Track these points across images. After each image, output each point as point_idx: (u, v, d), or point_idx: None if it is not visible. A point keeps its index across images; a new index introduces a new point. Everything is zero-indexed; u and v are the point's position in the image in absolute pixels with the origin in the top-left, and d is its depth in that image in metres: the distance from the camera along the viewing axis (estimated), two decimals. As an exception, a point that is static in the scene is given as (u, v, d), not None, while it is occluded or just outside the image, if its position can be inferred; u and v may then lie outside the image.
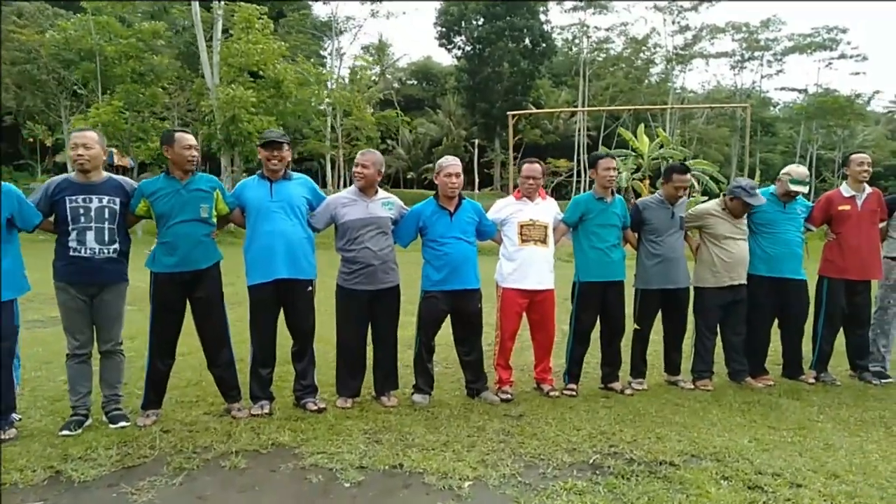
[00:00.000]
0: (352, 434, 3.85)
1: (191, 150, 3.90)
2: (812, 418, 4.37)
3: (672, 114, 44.94)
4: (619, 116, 43.62)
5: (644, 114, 43.02)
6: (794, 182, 5.07)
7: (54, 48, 21.05)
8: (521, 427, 4.08)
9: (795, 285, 5.19)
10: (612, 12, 55.78)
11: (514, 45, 43.07)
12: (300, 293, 4.22)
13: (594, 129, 46.59)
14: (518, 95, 43.95)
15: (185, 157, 3.88)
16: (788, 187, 5.08)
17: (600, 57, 48.21)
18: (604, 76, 47.77)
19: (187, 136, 3.94)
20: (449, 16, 44.82)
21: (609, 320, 4.94)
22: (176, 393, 4.58)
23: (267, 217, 4.12)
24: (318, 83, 24.59)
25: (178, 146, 3.88)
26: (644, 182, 25.95)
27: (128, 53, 20.51)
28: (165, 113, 26.38)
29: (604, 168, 4.79)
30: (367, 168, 4.33)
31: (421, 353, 4.58)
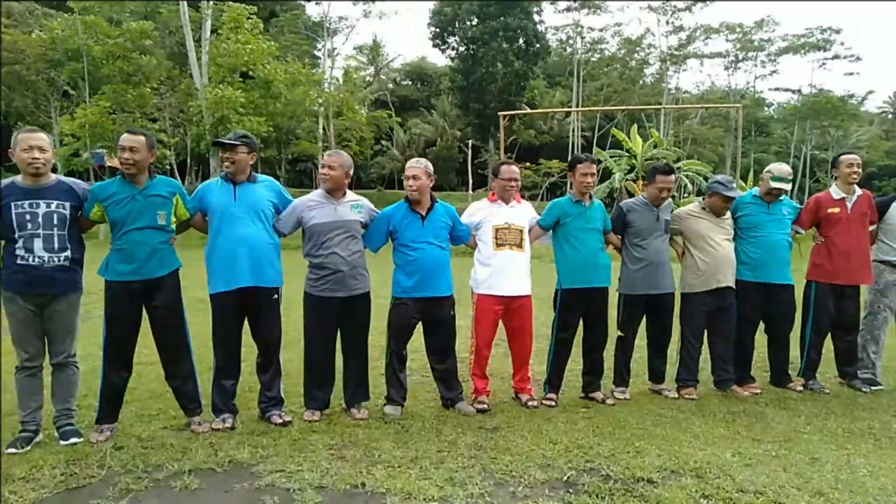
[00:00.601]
0: (315, 450, 3.66)
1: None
2: (798, 430, 4.20)
3: (666, 114, 44.82)
4: (614, 117, 43.50)
5: (639, 114, 42.89)
6: (776, 179, 4.91)
7: (41, 48, 20.79)
8: (494, 441, 3.90)
9: (782, 290, 5.02)
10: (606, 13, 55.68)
11: (507, 45, 42.88)
12: (265, 302, 4.03)
13: (588, 130, 46.48)
14: (512, 96, 43.76)
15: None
16: (770, 185, 4.92)
17: (594, 57, 48.11)
18: (598, 77, 47.67)
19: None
20: (442, 16, 44.65)
21: (592, 328, 4.77)
22: (137, 406, 4.40)
23: (230, 222, 3.93)
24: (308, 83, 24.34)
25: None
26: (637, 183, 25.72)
27: (115, 53, 20.25)
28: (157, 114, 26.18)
29: (581, 174, 4.61)
30: (334, 169, 4.15)
31: (392, 362, 4.40)
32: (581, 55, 46.67)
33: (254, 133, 20.46)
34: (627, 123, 36.93)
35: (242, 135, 4.02)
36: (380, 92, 53.72)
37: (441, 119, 50.39)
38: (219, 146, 3.96)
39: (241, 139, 3.96)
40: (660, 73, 48.72)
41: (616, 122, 41.27)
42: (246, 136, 4.02)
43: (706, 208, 4.95)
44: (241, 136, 4.00)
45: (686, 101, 47.95)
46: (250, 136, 4.06)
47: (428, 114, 52.22)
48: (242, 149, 3.94)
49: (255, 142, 4.06)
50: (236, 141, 3.93)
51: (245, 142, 3.95)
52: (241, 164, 3.95)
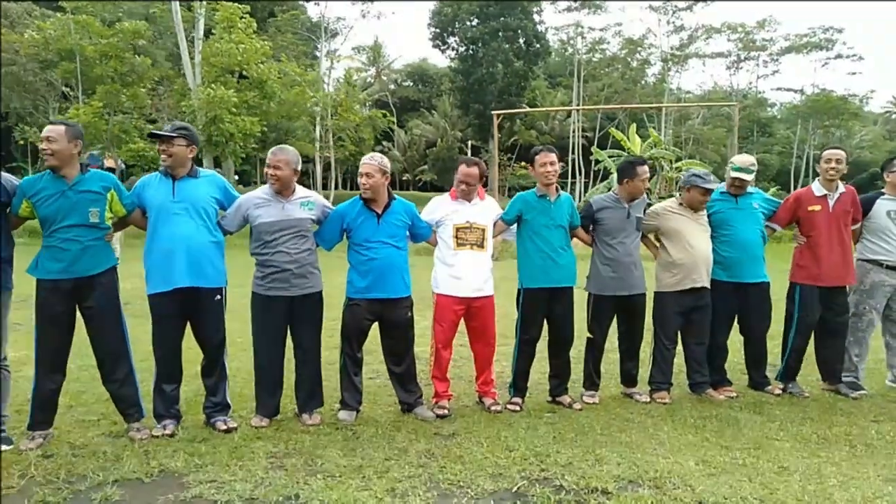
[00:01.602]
0: (255, 458, 3.47)
1: (42, 144, 3.45)
2: (770, 436, 3.99)
3: (667, 115, 44.54)
4: (615, 117, 43.25)
5: (640, 115, 42.63)
6: (736, 169, 4.73)
7: (34, 48, 20.70)
8: (447, 448, 3.71)
9: (756, 289, 4.82)
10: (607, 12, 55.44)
11: (507, 45, 42.68)
12: (207, 303, 3.84)
13: (590, 130, 46.22)
14: (512, 96, 43.53)
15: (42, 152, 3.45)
16: (730, 174, 4.74)
17: (596, 57, 47.87)
18: (599, 77, 47.43)
19: (46, 129, 3.51)
20: (442, 16, 44.46)
21: (557, 330, 4.56)
22: (81, 410, 4.22)
23: (168, 219, 3.75)
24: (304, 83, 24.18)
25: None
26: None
27: (108, 53, 20.13)
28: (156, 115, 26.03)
29: (540, 164, 4.41)
30: (280, 169, 3.94)
31: (346, 365, 4.21)
32: (582, 55, 46.44)
33: (247, 133, 20.38)
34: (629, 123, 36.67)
35: (180, 126, 3.83)
36: (381, 93, 53.64)
37: (442, 120, 50.24)
38: (154, 138, 3.78)
39: (178, 131, 3.77)
40: (661, 73, 48.47)
41: (617, 122, 41.00)
42: (184, 127, 3.83)
43: (683, 204, 4.74)
44: (178, 127, 3.81)
45: (688, 101, 47.68)
46: (189, 127, 3.87)
47: (429, 115, 52.08)
48: (180, 141, 3.75)
49: (194, 134, 3.87)
50: (173, 133, 3.74)
51: (183, 134, 3.76)
52: (179, 157, 3.77)
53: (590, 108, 36.77)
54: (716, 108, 43.11)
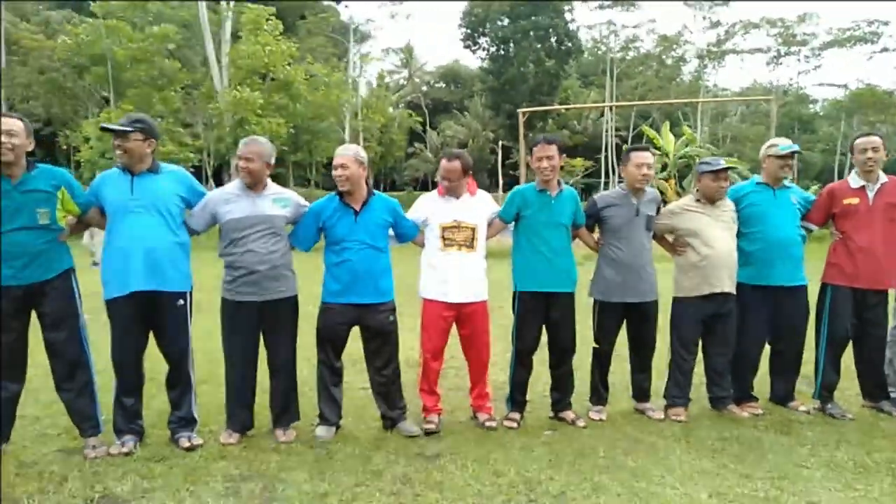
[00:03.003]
0: (210, 482, 3.15)
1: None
2: (799, 462, 3.50)
3: (703, 112, 43.35)
4: (649, 116, 42.27)
5: (675, 112, 41.57)
6: (784, 148, 4.26)
7: (66, 53, 21.00)
8: (427, 472, 3.32)
9: (792, 294, 4.30)
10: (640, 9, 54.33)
11: (538, 44, 42.11)
12: (168, 309, 3.53)
13: (624, 129, 45.29)
14: (544, 95, 42.94)
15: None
16: (779, 152, 4.25)
17: (629, 55, 46.91)
18: (633, 75, 46.44)
19: (5, 120, 3.22)
20: (473, 16, 44.13)
21: (554, 338, 4.14)
22: (47, 423, 3.96)
23: (125, 218, 3.44)
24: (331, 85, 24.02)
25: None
26: (669, 182, 24.71)
27: (138, 58, 20.30)
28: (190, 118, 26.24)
29: (536, 157, 3.99)
30: (252, 161, 3.63)
31: (322, 375, 3.86)
32: (615, 53, 45.55)
33: (273, 135, 20.29)
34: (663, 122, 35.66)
35: (136, 119, 3.51)
36: (413, 95, 53.54)
37: (474, 121, 49.83)
38: (108, 132, 3.48)
39: (133, 124, 3.46)
40: (697, 70, 47.21)
41: (651, 120, 40.02)
42: (140, 120, 3.51)
43: (701, 199, 4.28)
44: (134, 120, 3.50)
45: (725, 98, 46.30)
46: (146, 119, 3.55)
47: (461, 116, 51.76)
48: (136, 135, 3.43)
49: (152, 127, 3.55)
50: (128, 126, 3.43)
51: (139, 127, 3.45)
52: (136, 152, 3.46)
53: (620, 105, 35.93)
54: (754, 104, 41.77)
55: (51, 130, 31.09)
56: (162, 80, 21.49)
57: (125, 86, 21.60)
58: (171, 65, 21.33)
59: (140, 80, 20.87)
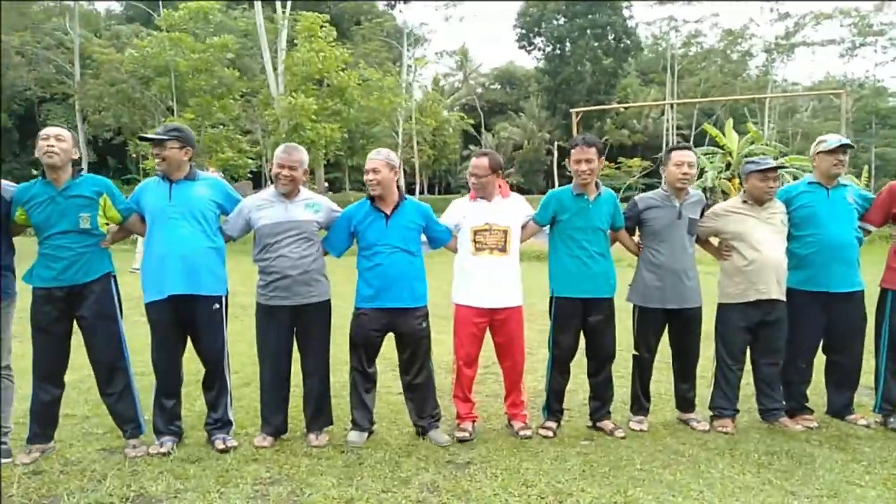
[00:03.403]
0: (241, 484, 3.19)
1: (48, 141, 3.32)
2: (852, 480, 3.28)
3: (771, 109, 41.72)
4: (712, 113, 40.98)
5: (741, 110, 40.17)
6: (833, 143, 4.04)
7: (133, 65, 21.95)
8: (456, 480, 3.28)
9: (848, 300, 4.07)
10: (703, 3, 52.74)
11: (595, 42, 41.45)
12: (204, 312, 3.61)
13: (686, 128, 44.07)
14: (601, 94, 42.24)
15: (42, 150, 3.32)
16: (830, 146, 4.02)
17: (691, 51, 45.62)
18: (695, 72, 45.12)
19: (49, 129, 3.39)
20: (528, 17, 43.84)
21: (592, 345, 4.03)
22: (93, 422, 4.09)
23: (163, 224, 3.55)
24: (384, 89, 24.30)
25: (39, 140, 3.35)
26: (733, 181, 23.83)
27: (198, 68, 21.04)
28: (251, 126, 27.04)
29: (575, 160, 3.88)
30: (296, 170, 3.69)
31: (355, 381, 3.86)
32: (676, 50, 44.37)
33: (327, 140, 20.66)
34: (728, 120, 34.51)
35: (173, 128, 3.62)
36: (468, 97, 53.60)
37: (530, 122, 49.48)
38: (146, 142, 3.59)
39: (170, 133, 3.56)
40: (765, 64, 45.50)
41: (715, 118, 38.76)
42: (177, 129, 3.62)
43: (748, 201, 4.09)
44: (171, 129, 3.61)
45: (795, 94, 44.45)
46: (183, 128, 3.65)
47: (516, 117, 51.49)
48: (173, 144, 3.53)
49: (189, 135, 3.64)
50: (164, 135, 3.53)
51: (175, 136, 3.55)
52: (174, 160, 3.56)
53: (679, 102, 34.91)
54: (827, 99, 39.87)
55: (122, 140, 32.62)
56: (221, 88, 22.17)
57: (187, 95, 22.38)
58: (230, 74, 22.00)
59: (201, 89, 21.59)
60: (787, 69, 54.34)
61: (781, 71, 46.05)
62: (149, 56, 21.32)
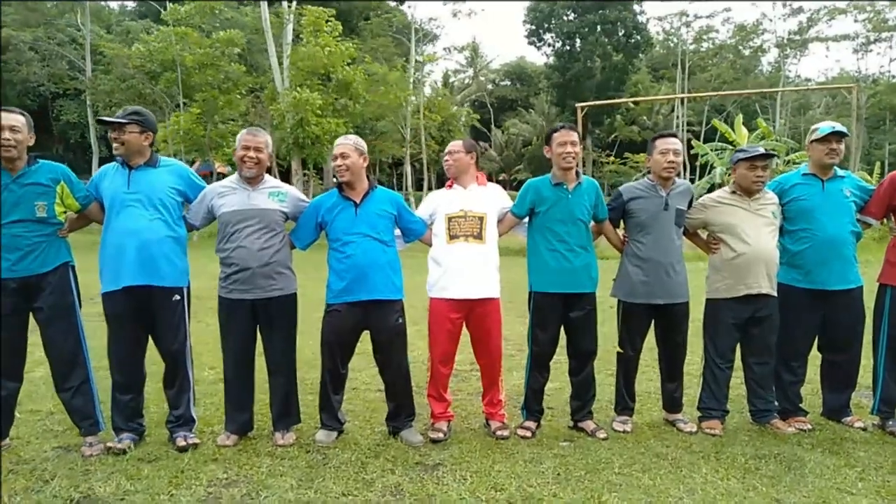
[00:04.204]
0: (195, 485, 3.03)
1: (3, 134, 3.15)
2: (844, 486, 3.08)
3: (784, 105, 41.15)
4: (724, 109, 40.49)
5: (753, 105, 39.61)
6: (825, 130, 3.84)
7: (139, 60, 21.89)
8: (422, 483, 3.11)
9: (845, 297, 3.86)
10: (713, 0, 52.06)
11: (605, 38, 41.03)
12: (163, 305, 3.45)
13: (697, 125, 43.58)
14: (611, 91, 41.76)
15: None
16: (821, 135, 3.84)
17: (703, 47, 45.06)
18: (707, 68, 44.59)
19: (3, 119, 3.20)
20: (538, 12, 43.46)
21: (573, 342, 3.84)
22: (56, 419, 3.95)
23: (120, 212, 3.39)
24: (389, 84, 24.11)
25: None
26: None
27: (204, 63, 20.94)
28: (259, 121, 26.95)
29: (559, 143, 3.70)
30: (261, 151, 3.53)
31: (324, 381, 3.69)
32: (687, 45, 43.85)
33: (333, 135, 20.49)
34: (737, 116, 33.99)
35: (133, 111, 3.46)
36: (478, 93, 53.32)
37: (539, 118, 49.15)
38: (104, 125, 3.44)
39: (129, 116, 3.41)
40: (778, 60, 44.81)
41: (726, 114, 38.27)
42: (137, 112, 3.46)
43: (737, 191, 3.89)
44: (130, 112, 3.45)
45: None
46: (144, 112, 3.50)
47: (526, 113, 51.17)
48: (132, 128, 3.38)
49: (150, 119, 3.49)
50: (123, 119, 3.38)
51: (135, 119, 3.40)
52: (133, 144, 3.41)
53: (688, 96, 34.48)
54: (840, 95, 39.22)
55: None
56: (227, 83, 22.07)
57: (194, 90, 22.30)
58: (237, 69, 21.89)
59: (207, 84, 21.50)
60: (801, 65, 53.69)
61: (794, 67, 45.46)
62: (155, 51, 21.23)
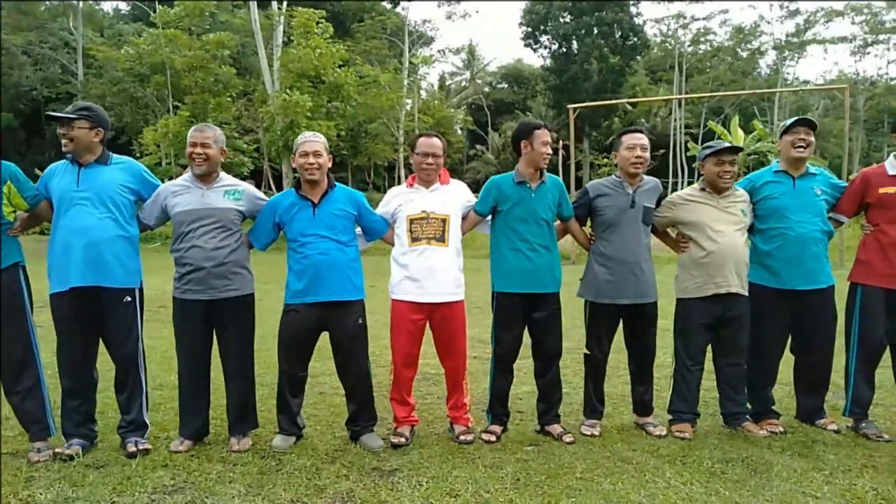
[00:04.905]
0: (137, 492, 2.94)
1: None
2: (810, 490, 2.99)
3: (782, 107, 41.14)
4: (722, 111, 40.45)
5: (751, 108, 39.57)
6: (794, 122, 3.81)
7: (128, 63, 21.84)
8: (375, 490, 3.01)
9: (816, 297, 3.77)
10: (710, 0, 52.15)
11: (602, 40, 40.99)
12: (112, 306, 3.36)
13: (695, 127, 43.53)
14: (608, 93, 41.69)
15: None
16: (787, 125, 3.81)
17: (700, 49, 45.06)
18: (704, 70, 44.58)
19: None
20: (534, 14, 43.44)
21: (538, 344, 3.76)
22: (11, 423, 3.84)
23: (69, 210, 3.31)
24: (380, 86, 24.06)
25: None
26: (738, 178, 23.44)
27: (194, 65, 20.89)
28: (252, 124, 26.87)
29: (542, 141, 3.62)
30: (209, 147, 3.44)
31: (281, 385, 3.61)
32: (685, 47, 43.83)
33: (323, 137, 20.43)
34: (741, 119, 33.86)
35: (83, 106, 3.37)
36: (475, 96, 53.24)
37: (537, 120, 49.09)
38: (53, 121, 3.34)
39: (79, 111, 3.32)
40: (775, 62, 44.80)
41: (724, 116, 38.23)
42: (87, 107, 3.37)
43: (706, 189, 3.81)
44: (80, 107, 3.36)
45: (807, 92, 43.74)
46: (94, 107, 3.40)
47: (523, 116, 51.10)
48: (82, 123, 3.29)
49: (100, 115, 3.40)
50: (72, 114, 3.29)
51: (84, 115, 3.30)
52: (82, 141, 3.32)
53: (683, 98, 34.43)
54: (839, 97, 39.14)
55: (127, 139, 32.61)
56: (218, 86, 22.01)
57: (184, 93, 22.24)
58: (227, 71, 21.84)
59: (197, 86, 21.44)
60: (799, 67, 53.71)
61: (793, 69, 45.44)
62: (144, 53, 21.18)
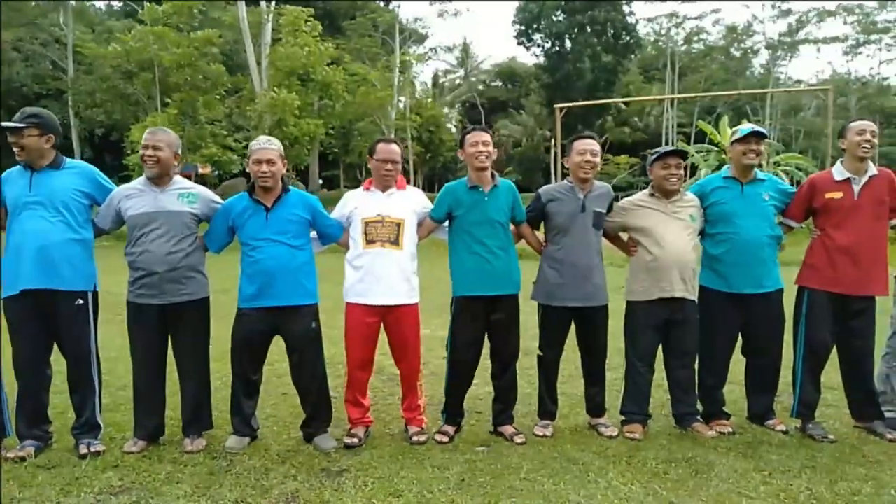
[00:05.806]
0: (84, 493, 2.99)
1: None
2: (745, 490, 3.06)
3: (775, 106, 41.29)
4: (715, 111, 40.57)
5: (743, 107, 39.71)
6: (745, 131, 3.81)
7: (116, 60, 21.80)
8: (321, 489, 3.07)
9: (763, 301, 3.84)
10: (703, 0, 52.32)
11: (595, 39, 41.06)
12: (64, 309, 3.40)
13: (688, 126, 43.66)
14: (601, 92, 41.79)
15: None
16: (740, 135, 3.81)
17: (693, 48, 45.18)
18: (697, 69, 44.69)
19: None
20: (527, 13, 43.46)
21: (496, 345, 3.81)
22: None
23: (21, 214, 3.35)
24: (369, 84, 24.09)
25: None
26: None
27: (182, 62, 20.87)
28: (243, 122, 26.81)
29: (471, 143, 3.68)
30: (161, 150, 3.48)
31: (235, 388, 3.65)
32: (678, 46, 43.94)
33: (311, 135, 20.44)
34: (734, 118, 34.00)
35: (31, 114, 3.40)
36: (469, 94, 53.26)
37: (530, 119, 49.13)
38: (4, 131, 3.36)
39: (27, 119, 3.35)
40: (768, 62, 44.96)
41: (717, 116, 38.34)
42: (36, 114, 3.40)
43: (655, 193, 3.87)
44: (28, 115, 3.38)
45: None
46: (43, 114, 3.44)
47: (517, 114, 51.14)
48: (31, 131, 3.32)
49: (50, 121, 3.43)
50: (21, 123, 3.32)
51: (34, 122, 3.33)
52: (34, 148, 3.35)
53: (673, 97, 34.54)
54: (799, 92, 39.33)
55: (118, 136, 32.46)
56: (206, 83, 21.99)
57: (172, 90, 22.19)
58: (216, 68, 21.82)
59: (186, 83, 21.42)
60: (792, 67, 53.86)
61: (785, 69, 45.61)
62: (132, 50, 21.14)
